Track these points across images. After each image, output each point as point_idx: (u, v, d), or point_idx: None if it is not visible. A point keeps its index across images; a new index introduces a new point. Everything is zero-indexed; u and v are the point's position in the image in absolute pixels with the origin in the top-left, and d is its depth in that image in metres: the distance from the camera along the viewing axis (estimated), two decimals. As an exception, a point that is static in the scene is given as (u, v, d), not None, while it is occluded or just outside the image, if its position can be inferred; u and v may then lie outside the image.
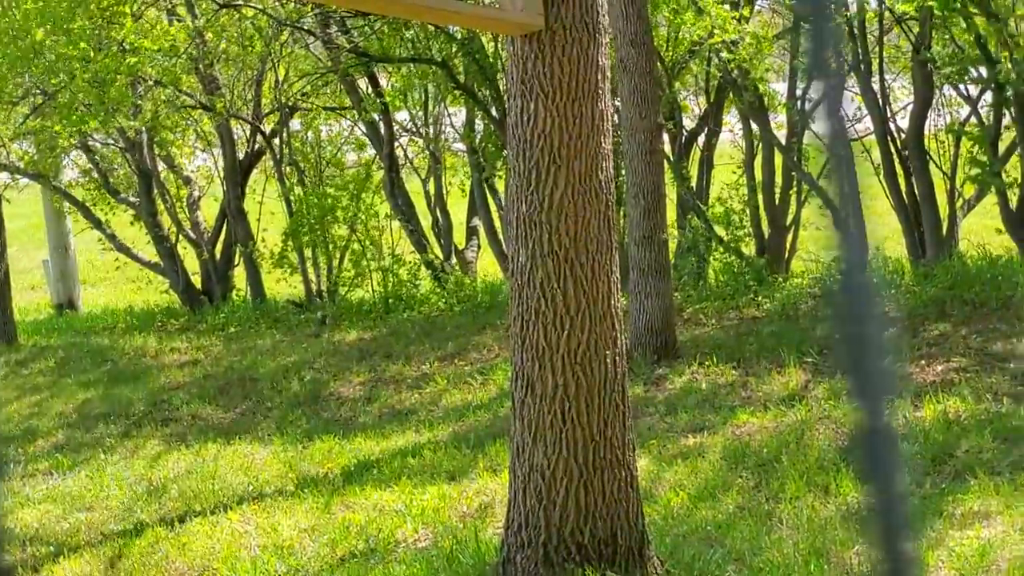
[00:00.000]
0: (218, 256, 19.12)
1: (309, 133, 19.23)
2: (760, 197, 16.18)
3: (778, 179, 16.16)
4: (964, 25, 14.04)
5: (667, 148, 15.51)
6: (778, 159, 16.15)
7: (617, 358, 6.97)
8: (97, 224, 19.65)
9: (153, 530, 8.93)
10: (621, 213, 13.30)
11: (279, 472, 10.24)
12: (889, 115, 15.69)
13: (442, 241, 18.71)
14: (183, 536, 8.75)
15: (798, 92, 16.23)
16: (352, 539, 8.32)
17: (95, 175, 19.76)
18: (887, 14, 15.45)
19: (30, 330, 19.05)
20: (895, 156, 15.18)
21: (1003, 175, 14.61)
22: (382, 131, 18.09)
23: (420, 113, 19.21)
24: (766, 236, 16.16)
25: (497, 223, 17.83)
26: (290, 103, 18.54)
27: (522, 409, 6.99)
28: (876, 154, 15.56)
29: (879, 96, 15.35)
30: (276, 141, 18.56)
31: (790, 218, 16.17)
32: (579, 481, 6.92)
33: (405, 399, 12.43)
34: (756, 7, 16.40)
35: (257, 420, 12.28)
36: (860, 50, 15.00)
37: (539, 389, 6.93)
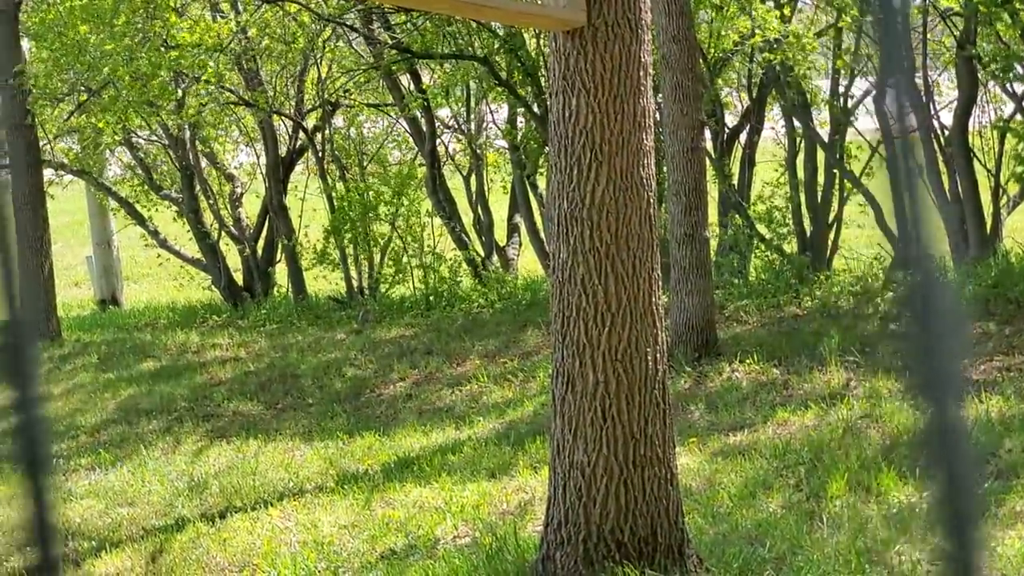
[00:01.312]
0: (260, 252, 19.18)
1: (351, 130, 19.30)
2: (802, 195, 16.12)
3: (820, 177, 16.10)
4: (1009, 20, 13.94)
5: (709, 145, 15.47)
6: (820, 156, 16.09)
7: (658, 355, 6.95)
8: (140, 220, 19.77)
9: (194, 525, 8.96)
10: (662, 210, 13.25)
11: (320, 468, 10.26)
12: (933, 112, 15.59)
13: (483, 238, 18.73)
14: (224, 532, 8.78)
15: (840, 89, 16.18)
16: (392, 536, 8.33)
17: (139, 171, 19.86)
18: (931, 9, 15.37)
19: (73, 326, 19.16)
20: (939, 153, 15.09)
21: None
22: (424, 128, 18.11)
23: (462, 110, 19.23)
24: (808, 234, 16.09)
25: (539, 220, 17.82)
26: (332, 99, 18.57)
27: (562, 406, 6.98)
28: (919, 151, 15.47)
29: (923, 92, 15.27)
30: (318, 137, 18.60)
31: (832, 215, 16.11)
32: (619, 478, 6.91)
33: (446, 396, 12.43)
34: (799, 4, 16.32)
35: (298, 416, 12.31)
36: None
37: (579, 386, 6.92)
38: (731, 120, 17.18)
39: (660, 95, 12.28)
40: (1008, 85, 15.66)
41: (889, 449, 9.13)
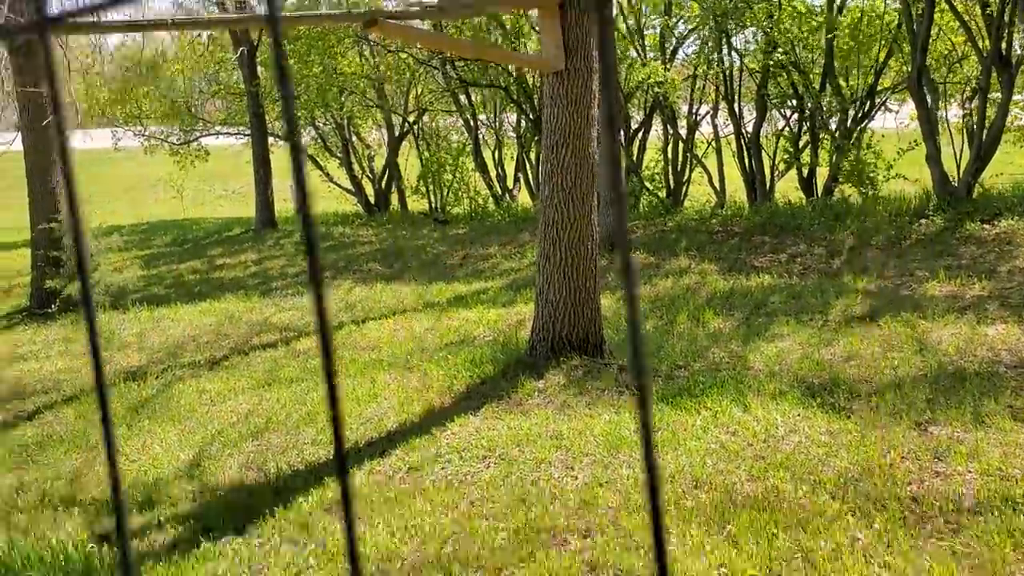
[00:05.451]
0: (383, 186, 19.12)
1: (433, 123, 19.13)
2: (669, 166, 16.07)
3: (680, 156, 16.04)
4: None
5: (623, 137, 15.36)
6: (680, 145, 15.98)
7: (592, 245, 7.04)
8: (319, 167, 19.65)
9: (347, 327, 9.10)
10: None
11: (414, 300, 10.38)
12: None
13: (501, 184, 18.63)
14: (363, 330, 8.92)
15: (694, 109, 16.00)
16: (451, 335, 8.47)
17: (318, 140, 19.71)
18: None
19: (283, 221, 19.13)
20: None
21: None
22: (471, 123, 17.96)
23: (492, 115, 19.03)
24: (672, 186, 16.06)
25: (531, 174, 17.76)
26: (423, 106, 18.44)
27: (543, 271, 7.07)
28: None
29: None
30: (416, 125, 18.46)
31: (685, 177, 16.07)
32: (571, 308, 7.03)
33: (480, 265, 12.51)
34: (676, 62, 16.10)
35: (404, 272, 12.39)
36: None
37: (552, 260, 7.01)
38: (635, 124, 17.00)
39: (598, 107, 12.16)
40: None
41: (711, 299, 9.25)
